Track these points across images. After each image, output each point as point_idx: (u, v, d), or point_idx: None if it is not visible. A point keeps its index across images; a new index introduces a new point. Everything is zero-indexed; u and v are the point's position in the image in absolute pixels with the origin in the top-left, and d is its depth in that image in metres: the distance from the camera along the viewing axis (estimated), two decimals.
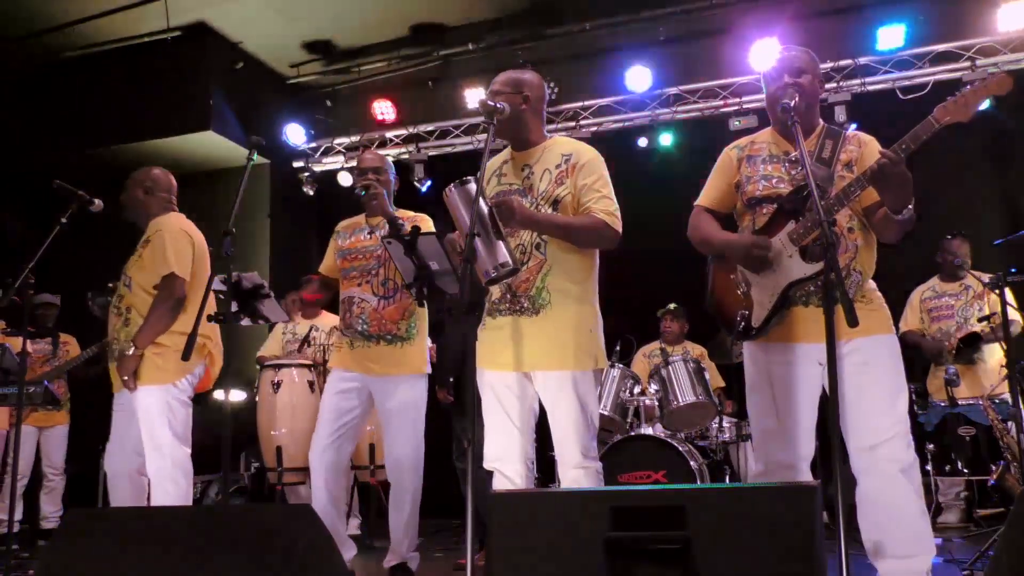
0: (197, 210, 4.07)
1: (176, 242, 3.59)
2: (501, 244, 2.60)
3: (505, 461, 2.82)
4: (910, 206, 2.53)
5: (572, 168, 2.85)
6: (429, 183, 7.29)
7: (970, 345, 5.07)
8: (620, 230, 2.83)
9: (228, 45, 7.22)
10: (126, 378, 3.49)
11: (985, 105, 2.50)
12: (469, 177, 2.62)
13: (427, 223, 3.67)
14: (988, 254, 5.28)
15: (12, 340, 5.09)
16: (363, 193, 3.60)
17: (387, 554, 3.79)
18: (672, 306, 6.11)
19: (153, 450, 3.47)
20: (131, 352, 3.48)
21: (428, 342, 4.04)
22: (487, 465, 2.85)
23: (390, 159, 4.08)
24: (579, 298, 2.84)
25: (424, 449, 3.80)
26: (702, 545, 1.73)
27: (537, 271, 2.81)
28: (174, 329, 3.55)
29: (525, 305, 2.82)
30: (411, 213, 3.74)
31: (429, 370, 3.85)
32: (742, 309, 2.76)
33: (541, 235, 2.82)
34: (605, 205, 2.80)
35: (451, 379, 4.83)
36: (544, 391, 2.84)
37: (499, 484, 2.81)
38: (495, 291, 2.88)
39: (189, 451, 3.56)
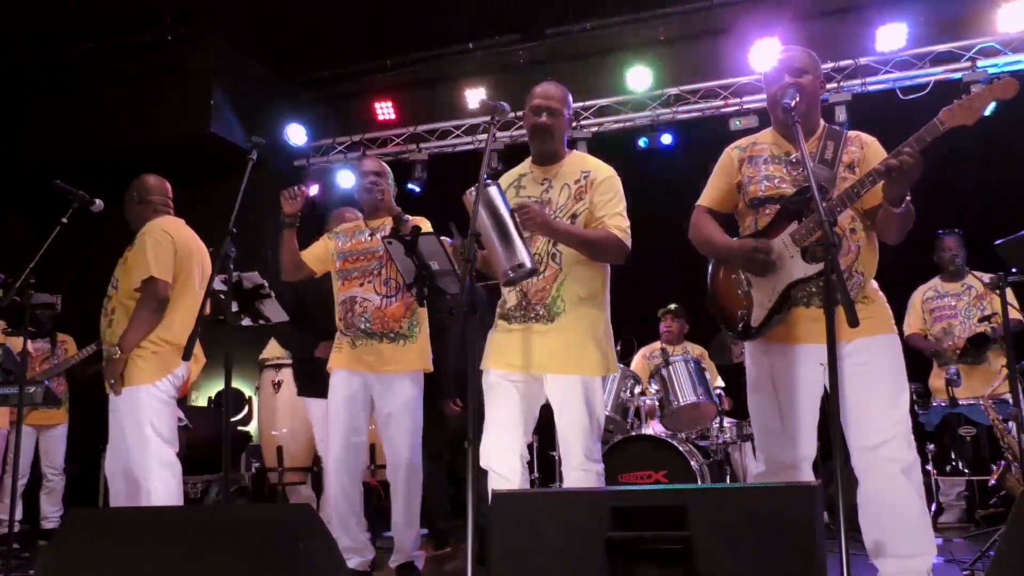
0: (197, 211, 4.06)
1: (156, 244, 3.58)
2: (519, 245, 2.62)
3: (501, 456, 2.85)
4: (908, 198, 2.53)
5: (590, 184, 2.96)
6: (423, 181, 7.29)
7: (978, 345, 5.06)
8: (630, 246, 2.94)
9: (228, 45, 7.21)
10: (112, 382, 3.50)
11: (990, 110, 2.49)
12: (490, 180, 2.67)
13: (426, 225, 3.68)
14: (988, 254, 5.26)
15: (12, 340, 5.09)
16: (370, 191, 3.70)
17: (392, 553, 3.79)
18: (672, 306, 6.11)
19: (138, 450, 3.46)
20: (117, 356, 3.48)
21: None
22: (482, 463, 2.86)
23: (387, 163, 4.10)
24: (592, 306, 2.94)
25: (422, 447, 3.80)
26: (703, 545, 1.73)
27: (553, 280, 2.90)
28: (155, 331, 3.54)
29: (540, 313, 2.90)
30: (408, 216, 3.76)
31: (431, 368, 3.85)
32: (742, 308, 2.76)
33: (556, 245, 2.90)
34: (619, 222, 2.92)
35: (457, 395, 4.74)
36: (553, 393, 2.91)
37: (494, 481, 2.83)
38: (511, 298, 2.95)
39: (175, 450, 3.54)
